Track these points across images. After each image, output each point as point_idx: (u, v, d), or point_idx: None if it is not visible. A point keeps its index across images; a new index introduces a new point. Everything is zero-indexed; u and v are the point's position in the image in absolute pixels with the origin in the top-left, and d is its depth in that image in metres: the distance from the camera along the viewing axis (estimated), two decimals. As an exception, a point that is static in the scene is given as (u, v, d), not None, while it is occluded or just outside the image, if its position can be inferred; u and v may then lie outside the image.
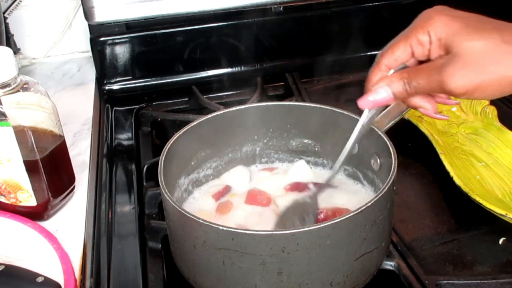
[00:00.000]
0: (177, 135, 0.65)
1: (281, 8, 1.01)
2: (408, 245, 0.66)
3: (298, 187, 0.69)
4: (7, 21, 1.03)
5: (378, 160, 0.64)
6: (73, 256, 0.63)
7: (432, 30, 0.51)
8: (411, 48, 0.53)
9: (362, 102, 0.55)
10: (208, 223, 0.52)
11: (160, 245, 0.67)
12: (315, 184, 0.68)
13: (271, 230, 0.52)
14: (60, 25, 1.07)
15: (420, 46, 0.52)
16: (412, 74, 0.52)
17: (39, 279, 0.55)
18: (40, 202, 0.67)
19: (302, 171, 0.71)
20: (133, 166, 0.82)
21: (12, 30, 1.04)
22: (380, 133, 0.62)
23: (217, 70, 1.04)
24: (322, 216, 0.63)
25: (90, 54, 1.03)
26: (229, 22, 1.01)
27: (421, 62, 0.54)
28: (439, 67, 0.50)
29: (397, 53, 0.53)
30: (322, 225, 0.51)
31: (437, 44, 0.51)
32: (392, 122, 0.65)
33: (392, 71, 0.54)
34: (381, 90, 0.54)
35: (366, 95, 0.55)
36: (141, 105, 0.98)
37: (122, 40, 0.99)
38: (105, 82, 1.02)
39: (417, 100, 0.55)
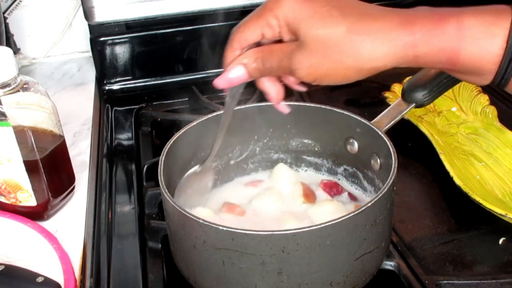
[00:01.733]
0: (177, 135, 0.65)
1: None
2: (408, 245, 0.66)
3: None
4: (7, 21, 1.03)
5: (378, 160, 0.64)
6: (73, 256, 0.63)
7: (280, 14, 0.50)
8: (261, 30, 0.52)
9: (218, 81, 0.55)
10: (208, 223, 0.52)
11: (160, 245, 0.67)
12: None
13: (271, 230, 0.52)
14: (60, 25, 1.07)
15: (270, 29, 0.51)
16: (266, 54, 0.52)
17: (39, 279, 0.55)
18: (40, 202, 0.67)
19: (283, 173, 0.71)
20: (133, 166, 0.82)
21: (12, 30, 1.04)
22: (380, 133, 0.62)
23: (217, 70, 1.04)
24: None
25: (90, 54, 1.03)
26: (229, 22, 1.01)
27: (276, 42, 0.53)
28: (289, 53, 0.50)
29: (247, 33, 0.52)
30: (322, 225, 0.51)
31: (285, 29, 0.50)
32: (392, 122, 0.65)
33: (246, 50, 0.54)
34: (237, 68, 0.53)
35: (222, 74, 0.54)
36: (141, 105, 0.98)
37: (122, 40, 0.99)
38: (105, 82, 1.02)
39: (265, 84, 0.55)
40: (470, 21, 0.45)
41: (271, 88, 0.55)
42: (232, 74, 0.54)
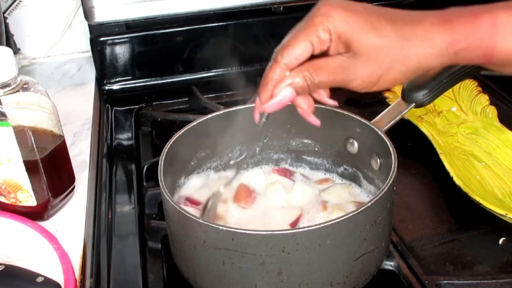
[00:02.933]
0: (177, 135, 0.65)
1: (281, 8, 1.01)
2: (408, 245, 0.66)
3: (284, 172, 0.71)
4: (7, 21, 1.03)
5: (378, 160, 0.64)
6: (73, 256, 0.63)
7: (332, 26, 0.50)
8: (312, 46, 0.51)
9: (268, 107, 0.53)
10: (208, 223, 0.52)
11: (160, 245, 0.67)
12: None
13: (271, 230, 0.52)
14: (60, 25, 1.07)
15: (320, 44, 0.51)
16: (313, 71, 0.51)
17: (39, 279, 0.55)
18: (40, 202, 0.67)
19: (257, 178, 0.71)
20: (133, 166, 0.82)
21: (12, 30, 1.04)
22: (380, 133, 0.62)
23: (217, 70, 1.04)
24: None
25: (90, 54, 1.03)
26: (229, 22, 1.01)
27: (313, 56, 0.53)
28: (343, 67, 0.51)
29: (297, 52, 0.51)
30: (322, 225, 0.51)
31: (337, 42, 0.50)
32: (392, 122, 0.65)
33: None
34: (286, 90, 0.52)
35: (271, 99, 0.53)
36: (141, 105, 0.98)
37: (122, 40, 0.99)
38: (105, 82, 1.02)
39: (298, 99, 0.55)
40: (503, 17, 0.49)
41: (303, 102, 0.55)
42: (282, 96, 0.53)
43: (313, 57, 0.52)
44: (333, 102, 0.57)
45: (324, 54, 0.52)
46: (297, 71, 0.52)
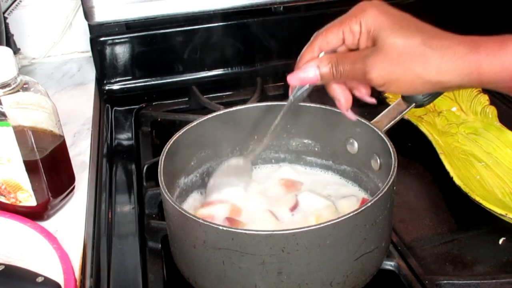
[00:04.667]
0: (177, 135, 0.65)
1: (281, 8, 1.01)
2: (408, 245, 0.66)
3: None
4: (7, 21, 1.03)
5: (378, 160, 0.64)
6: (73, 256, 0.62)
7: (364, 21, 0.54)
8: (343, 35, 0.55)
9: (290, 78, 0.58)
10: (208, 223, 0.52)
11: (160, 245, 0.67)
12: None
13: (271, 230, 0.52)
14: (60, 25, 1.07)
15: (351, 35, 0.55)
16: (340, 59, 0.55)
17: (39, 279, 0.55)
18: (40, 202, 0.67)
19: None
20: (133, 166, 0.82)
21: (12, 30, 1.04)
22: (380, 133, 0.62)
23: (217, 70, 1.04)
24: None
25: (90, 54, 1.03)
26: (229, 22, 1.01)
27: (350, 51, 0.56)
28: (364, 57, 0.53)
29: (329, 37, 0.56)
30: (322, 225, 0.51)
31: (365, 36, 0.54)
32: (392, 122, 0.65)
33: (322, 53, 0.57)
34: (310, 69, 0.56)
35: (295, 71, 0.58)
36: (141, 105, 0.98)
37: (122, 40, 0.99)
38: (105, 82, 1.02)
39: (337, 91, 0.59)
40: None
41: (341, 95, 0.59)
42: (305, 73, 0.57)
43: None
44: (372, 100, 0.59)
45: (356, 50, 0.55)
46: (326, 57, 0.56)
